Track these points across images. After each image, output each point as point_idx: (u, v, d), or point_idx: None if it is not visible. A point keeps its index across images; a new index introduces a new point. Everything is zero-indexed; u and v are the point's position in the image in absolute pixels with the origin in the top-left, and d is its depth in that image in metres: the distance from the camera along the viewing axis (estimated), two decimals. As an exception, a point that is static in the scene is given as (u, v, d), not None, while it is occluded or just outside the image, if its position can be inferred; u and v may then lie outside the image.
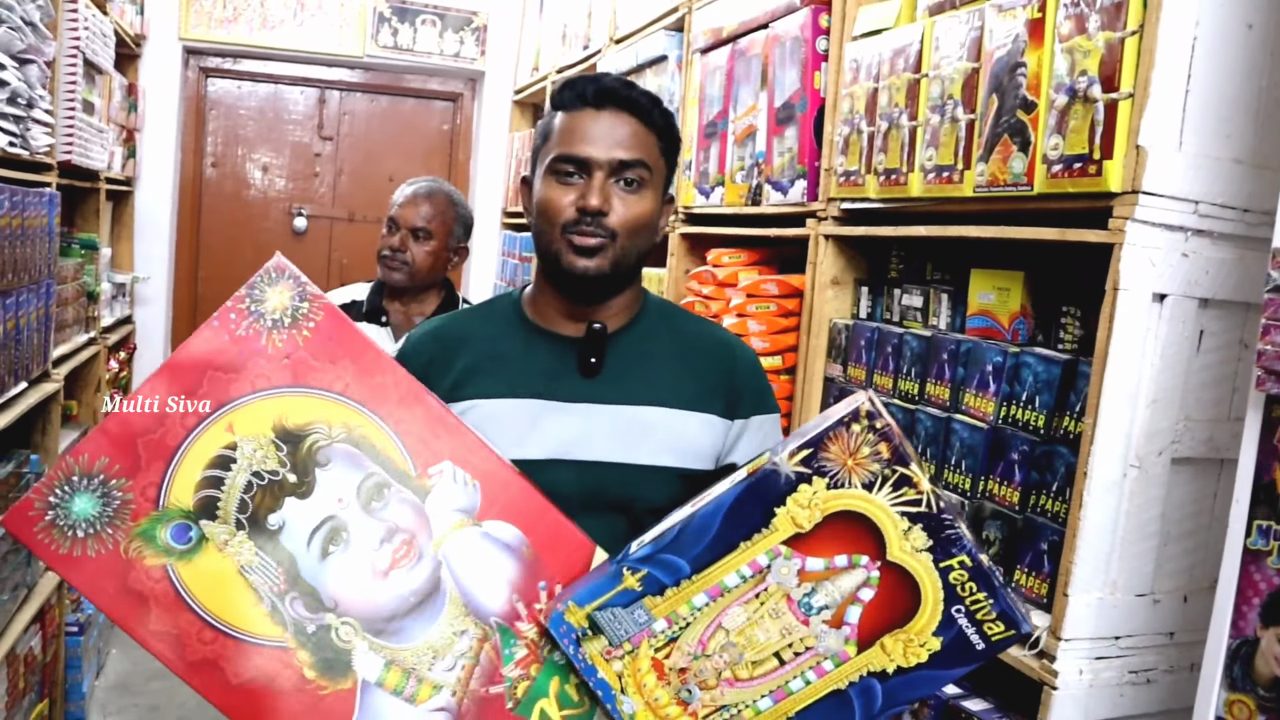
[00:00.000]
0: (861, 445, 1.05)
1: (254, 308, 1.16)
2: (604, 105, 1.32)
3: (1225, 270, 1.45)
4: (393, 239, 2.52)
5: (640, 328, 1.40)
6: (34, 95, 2.45)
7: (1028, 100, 1.52)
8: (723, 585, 1.10)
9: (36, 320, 2.52)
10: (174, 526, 1.13)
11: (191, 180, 4.75)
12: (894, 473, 1.05)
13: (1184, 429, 1.47)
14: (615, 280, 1.34)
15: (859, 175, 1.95)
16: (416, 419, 1.18)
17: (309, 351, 1.16)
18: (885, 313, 2.03)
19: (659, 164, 1.35)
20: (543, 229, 1.34)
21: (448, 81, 4.99)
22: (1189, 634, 1.52)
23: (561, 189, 1.31)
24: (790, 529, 1.08)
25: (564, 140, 1.32)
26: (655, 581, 1.11)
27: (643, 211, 1.32)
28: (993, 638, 1.09)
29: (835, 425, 1.05)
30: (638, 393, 1.34)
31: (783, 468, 1.07)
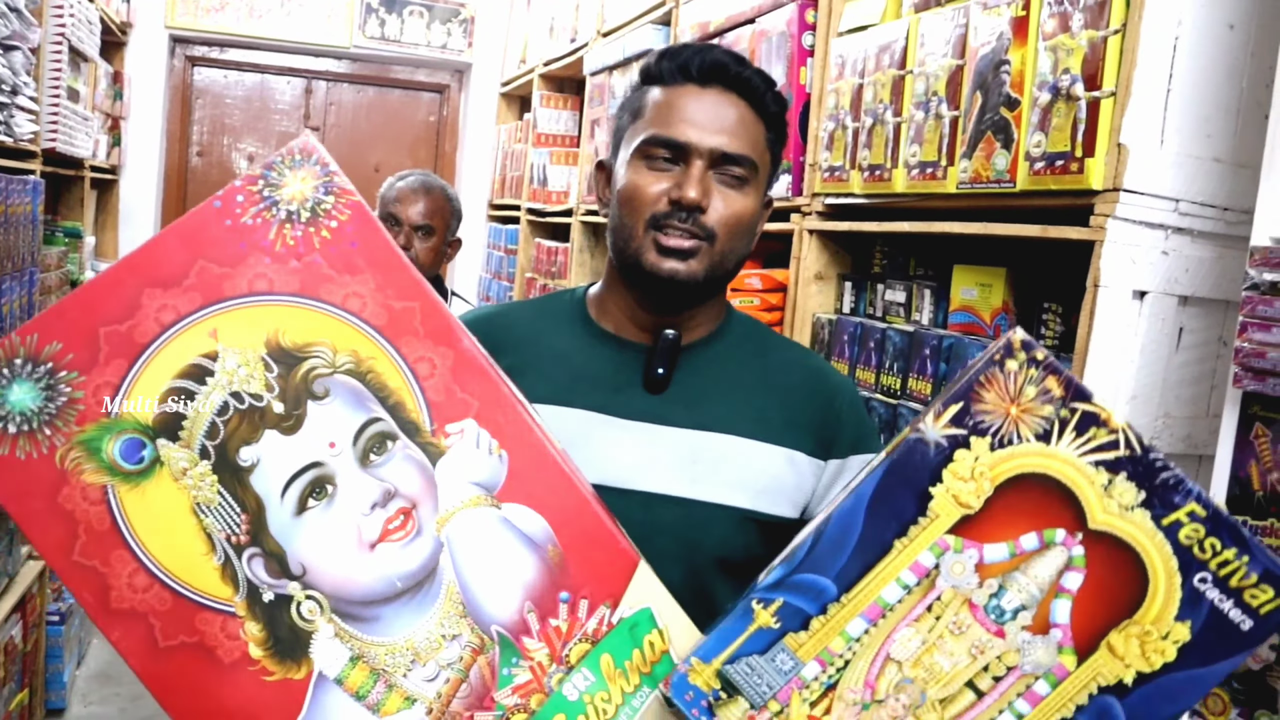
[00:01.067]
0: (1025, 385, 0.82)
1: (267, 192, 0.95)
2: (710, 82, 1.13)
3: (1205, 268, 1.47)
4: (396, 237, 2.51)
5: (720, 344, 1.21)
6: (18, 82, 2.44)
7: (1011, 98, 1.53)
8: (882, 602, 0.84)
9: (20, 308, 2.51)
10: (125, 441, 0.93)
11: (177, 169, 4.73)
12: (1073, 413, 0.81)
13: (1163, 425, 1.48)
14: (703, 289, 1.15)
15: (843, 171, 1.96)
16: (444, 361, 0.97)
17: (325, 256, 0.95)
18: (868, 308, 2.04)
19: (765, 159, 1.16)
20: (624, 222, 1.14)
21: (435, 73, 4.98)
22: (1165, 628, 1.53)
23: (652, 175, 1.12)
24: (955, 511, 0.83)
25: (659, 119, 1.12)
26: (795, 612, 0.86)
27: (745, 210, 1.13)
28: (1261, 609, 0.80)
29: (986, 367, 0.82)
30: (709, 416, 1.15)
31: (930, 434, 0.83)
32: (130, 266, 0.94)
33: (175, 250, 0.94)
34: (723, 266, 1.14)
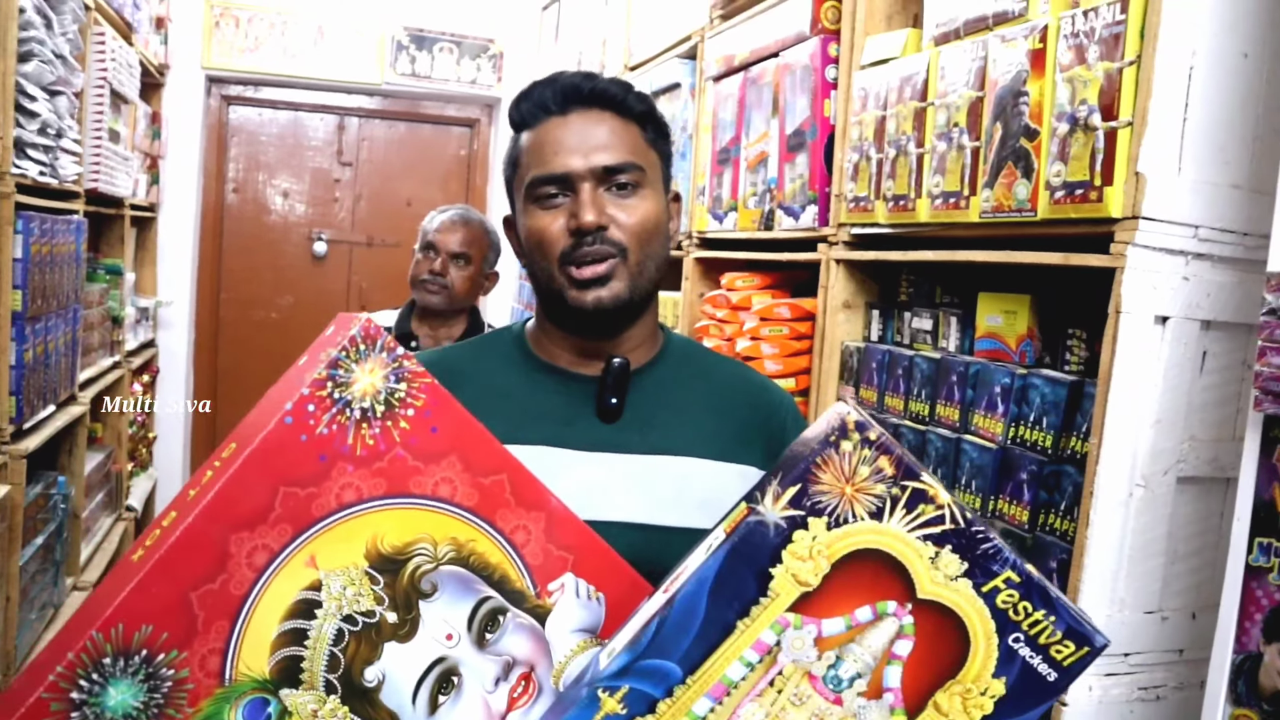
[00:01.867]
0: (858, 465, 0.85)
1: (337, 394, 0.89)
2: (569, 108, 1.14)
3: (1226, 293, 1.48)
4: (433, 263, 2.60)
5: (663, 367, 1.22)
6: (63, 125, 2.52)
7: (1030, 128, 1.56)
8: (727, 680, 0.86)
9: (64, 345, 2.58)
10: (247, 704, 0.87)
11: (213, 206, 4.83)
12: (904, 490, 0.85)
13: (1189, 449, 1.50)
14: (633, 306, 1.16)
15: (869, 201, 1.99)
16: (537, 525, 0.97)
17: (407, 448, 0.92)
18: (896, 335, 2.06)
19: (650, 158, 1.17)
20: (539, 265, 1.15)
21: (465, 108, 5.06)
22: (1197, 651, 1.54)
23: (548, 215, 1.13)
24: (794, 590, 0.86)
25: (535, 160, 1.14)
26: (642, 698, 0.86)
27: (646, 214, 1.14)
28: (1064, 662, 0.88)
29: (821, 449, 0.86)
30: (664, 440, 1.16)
31: (768, 516, 0.86)
32: (210, 515, 0.85)
33: (255, 484, 0.87)
34: (644, 276, 1.15)
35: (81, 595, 2.80)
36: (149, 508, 4.47)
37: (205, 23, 4.59)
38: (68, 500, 2.72)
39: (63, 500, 2.65)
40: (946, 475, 1.76)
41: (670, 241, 1.21)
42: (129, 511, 3.69)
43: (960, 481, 1.73)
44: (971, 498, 1.70)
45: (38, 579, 2.41)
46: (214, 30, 4.61)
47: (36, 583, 2.40)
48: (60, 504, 2.63)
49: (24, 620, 2.28)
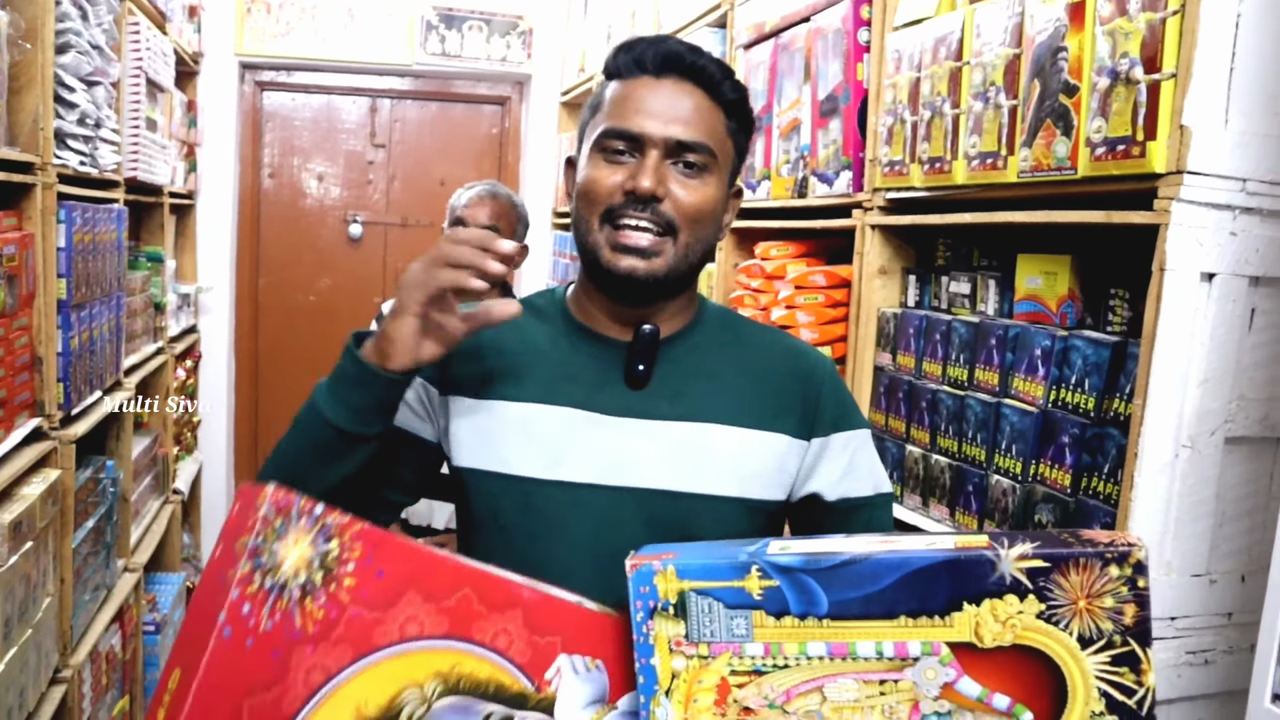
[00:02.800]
0: (1107, 593, 0.83)
1: (269, 582, 0.82)
2: (665, 73, 1.12)
3: (1276, 248, 1.45)
4: None
5: (696, 335, 1.21)
6: (101, 115, 2.55)
7: (1070, 84, 1.52)
8: (852, 649, 0.87)
9: (109, 331, 2.62)
10: None
11: (250, 191, 4.87)
12: (1125, 645, 0.83)
13: (1238, 408, 1.46)
14: (667, 285, 1.14)
15: (903, 165, 1.96)
16: (515, 623, 0.93)
17: (360, 604, 0.86)
18: (933, 300, 2.03)
19: (725, 147, 1.15)
20: (581, 215, 1.14)
21: (495, 86, 5.06)
22: (1247, 614, 1.51)
23: (608, 168, 1.12)
24: (968, 635, 0.85)
25: (615, 112, 1.12)
26: (780, 600, 0.88)
27: (705, 200, 1.12)
28: None
29: (1093, 555, 0.84)
30: (693, 408, 1.15)
31: (1003, 565, 0.84)
32: None
33: (214, 711, 0.80)
34: (686, 261, 1.13)
35: (132, 577, 2.85)
36: (195, 491, 4.55)
37: (237, 10, 4.61)
38: (116, 484, 2.76)
39: (112, 484, 2.70)
40: (986, 440, 1.74)
41: (721, 233, 1.19)
42: (176, 494, 3.75)
43: (1000, 446, 1.71)
44: (1013, 462, 1.68)
45: (90, 561, 2.46)
46: (246, 17, 4.63)
47: (89, 565, 2.45)
48: (110, 488, 2.67)
49: (78, 601, 2.33)
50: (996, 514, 1.71)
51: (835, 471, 1.20)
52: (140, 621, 3.07)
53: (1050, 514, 1.60)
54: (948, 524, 1.84)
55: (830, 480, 1.20)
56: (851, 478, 1.22)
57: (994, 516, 1.72)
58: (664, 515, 1.12)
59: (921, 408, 1.93)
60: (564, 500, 1.13)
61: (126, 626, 2.86)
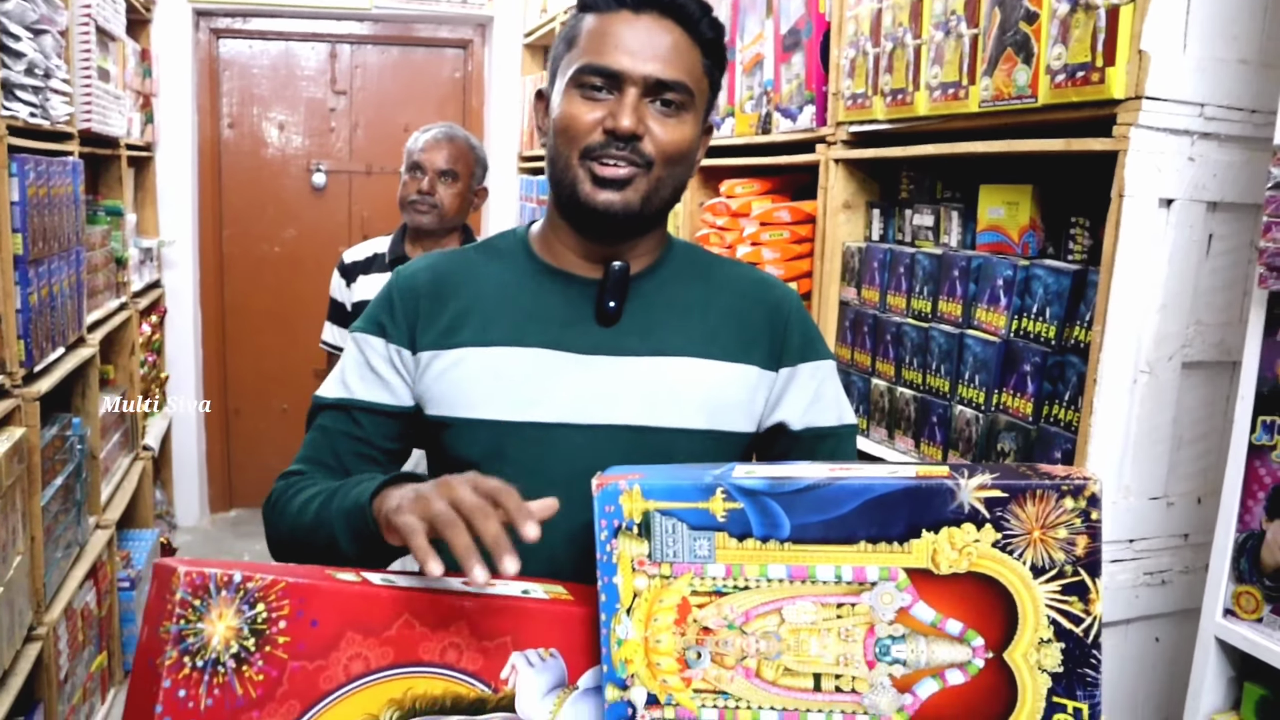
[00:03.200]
0: (1061, 524, 0.85)
1: (200, 661, 0.82)
2: (644, 7, 1.11)
3: (1233, 172, 1.45)
4: (420, 182, 2.59)
5: (665, 270, 1.22)
6: (50, 65, 2.48)
7: (1030, 11, 1.52)
8: (811, 573, 0.89)
9: (69, 287, 2.58)
10: None
11: (210, 142, 4.78)
12: (1076, 575, 0.85)
13: (1194, 333, 1.48)
14: (641, 220, 1.14)
15: (866, 97, 1.95)
16: (461, 634, 0.93)
17: (300, 657, 0.86)
18: (897, 233, 2.04)
19: (702, 85, 1.15)
20: (560, 152, 1.13)
21: (457, 29, 4.97)
22: (1203, 535, 1.54)
23: (586, 105, 1.11)
24: (924, 562, 0.87)
25: (592, 47, 1.11)
26: (743, 522, 0.89)
27: (682, 138, 1.12)
28: None
29: (1046, 488, 0.85)
30: (664, 343, 1.16)
31: (962, 494, 0.86)
32: None
33: None
34: (659, 194, 1.13)
35: (105, 534, 2.85)
36: (165, 446, 4.52)
37: (188, -46, 4.50)
38: (84, 441, 2.74)
39: (79, 441, 2.68)
40: (950, 371, 1.76)
41: (692, 170, 1.20)
42: (146, 451, 3.73)
43: (964, 377, 1.72)
44: (975, 392, 1.70)
45: (60, 519, 2.45)
46: (198, -39, 4.52)
47: (60, 522, 2.44)
48: (77, 445, 2.65)
49: (50, 559, 2.32)
50: (960, 444, 1.74)
51: (802, 401, 1.21)
52: (115, 578, 3.07)
53: (1013, 442, 1.62)
54: (913, 455, 1.86)
55: (797, 410, 1.21)
56: (817, 408, 1.23)
57: (958, 447, 1.74)
58: (639, 450, 1.13)
59: (886, 341, 1.94)
60: (538, 441, 1.13)
61: (101, 583, 2.86)
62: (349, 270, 2.72)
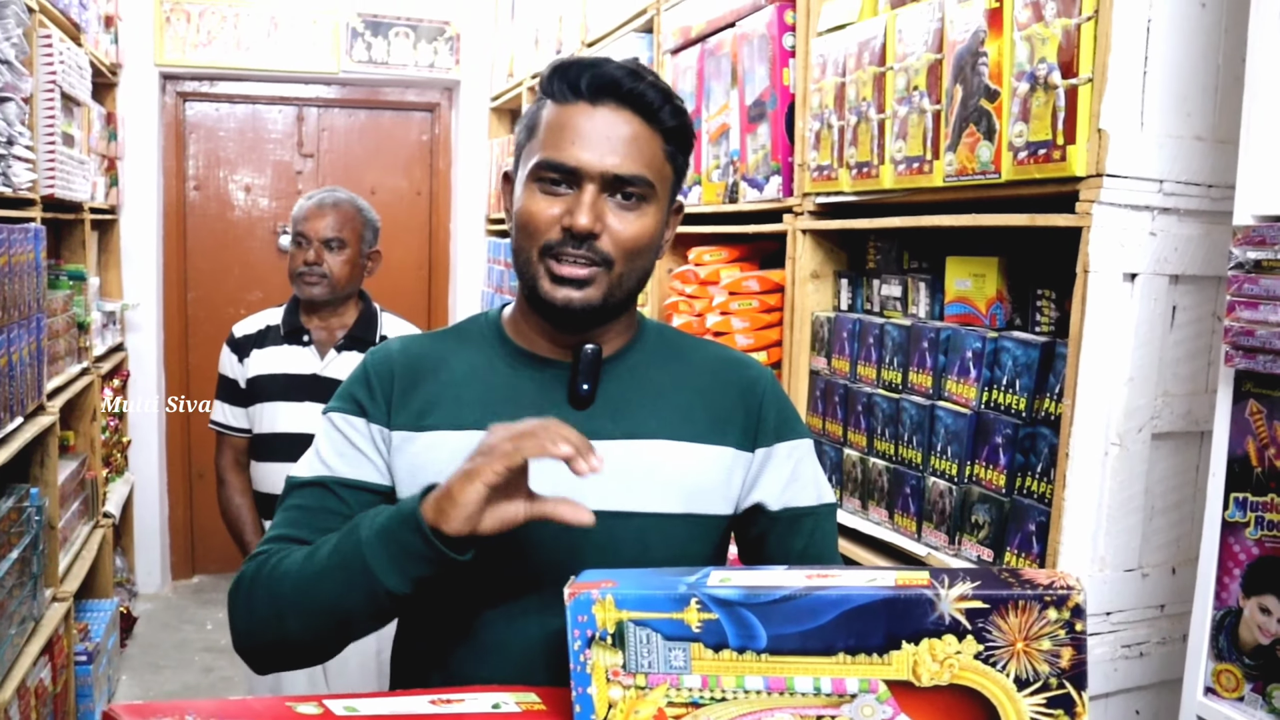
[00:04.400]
0: (1045, 636, 0.83)
1: None
2: (601, 99, 1.09)
3: (1193, 246, 1.48)
4: (306, 253, 2.49)
5: (637, 352, 1.20)
6: (13, 132, 2.46)
7: (990, 89, 1.54)
8: (790, 684, 0.87)
9: (29, 355, 2.54)
10: None
11: (175, 205, 4.76)
12: (1061, 688, 0.84)
13: (1162, 404, 1.49)
14: (606, 312, 1.14)
15: (832, 169, 1.97)
16: None
17: None
18: (866, 303, 2.05)
19: (664, 173, 1.13)
20: (521, 246, 1.13)
21: (424, 92, 5.00)
22: (1179, 605, 1.54)
23: (545, 200, 1.10)
24: (905, 674, 0.85)
25: (550, 140, 1.10)
26: (719, 633, 0.87)
27: (643, 231, 1.11)
28: None
29: (1029, 596, 0.83)
30: (638, 425, 1.15)
31: (942, 605, 0.84)
32: None
33: None
34: (622, 288, 1.12)
35: (61, 606, 2.77)
36: (127, 512, 4.43)
37: (156, 19, 4.51)
38: (42, 511, 2.67)
39: (36, 512, 2.61)
40: (922, 443, 1.76)
41: (660, 254, 1.19)
42: (106, 518, 3.65)
43: (936, 448, 1.72)
44: (948, 464, 1.70)
45: (15, 593, 2.38)
46: (165, 26, 4.53)
47: (14, 597, 2.37)
48: (34, 516, 2.59)
49: (4, 635, 2.25)
50: (934, 515, 1.73)
51: (779, 481, 1.20)
52: (71, 652, 2.98)
53: (987, 514, 1.62)
54: (886, 526, 1.86)
55: (774, 490, 1.19)
56: (795, 487, 1.22)
57: (931, 518, 1.74)
58: (615, 536, 1.11)
59: (858, 411, 1.95)
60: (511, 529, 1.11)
61: (57, 658, 2.78)
62: (240, 345, 2.59)
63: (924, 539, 1.76)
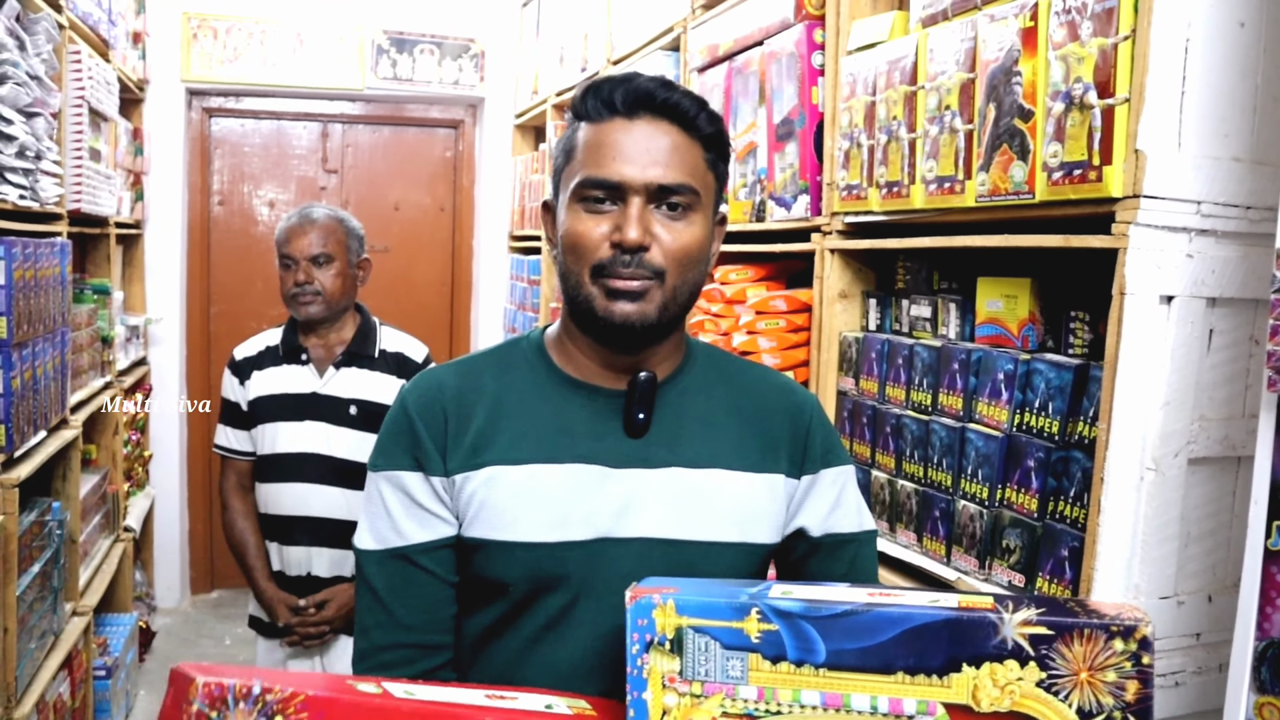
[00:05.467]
0: (1110, 667, 0.82)
1: None
2: (637, 113, 1.09)
3: (1231, 268, 1.45)
4: (295, 275, 2.47)
5: (688, 377, 1.19)
6: (41, 147, 2.48)
7: (1024, 108, 1.53)
8: (846, 701, 0.86)
9: (53, 369, 2.55)
10: None
11: (199, 219, 4.79)
12: (1124, 718, 0.82)
13: (1199, 429, 1.47)
14: (660, 328, 1.11)
15: (861, 188, 1.96)
16: None
17: None
18: (894, 324, 2.03)
19: (707, 181, 1.12)
20: (570, 269, 1.11)
21: (448, 109, 5.02)
22: (1215, 634, 1.51)
23: (592, 219, 1.08)
24: (965, 698, 0.84)
25: (590, 159, 1.09)
26: (778, 645, 0.87)
27: (692, 240, 1.10)
28: None
29: (1099, 626, 0.82)
30: (693, 453, 1.14)
31: (1006, 628, 0.83)
32: None
33: None
34: (676, 302, 1.11)
35: (81, 621, 2.77)
36: (148, 526, 4.44)
37: (183, 35, 4.55)
38: (63, 525, 2.68)
39: (58, 526, 2.61)
40: (951, 465, 1.73)
41: (709, 265, 1.17)
42: (127, 532, 3.66)
43: (966, 471, 1.70)
44: (979, 487, 1.67)
45: (36, 607, 2.38)
46: (192, 43, 4.56)
47: (35, 611, 2.37)
48: (56, 530, 2.59)
49: (24, 650, 2.25)
50: (964, 539, 1.71)
51: (823, 507, 1.19)
52: (90, 667, 2.98)
53: (1018, 538, 1.59)
54: (915, 549, 1.83)
55: (818, 516, 1.19)
56: (838, 513, 1.20)
57: (961, 541, 1.71)
58: (669, 564, 1.10)
59: (886, 433, 1.92)
60: (572, 560, 1.10)
61: (76, 673, 2.77)
62: (241, 368, 2.58)
63: (953, 563, 1.73)
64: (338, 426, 2.48)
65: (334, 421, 2.48)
